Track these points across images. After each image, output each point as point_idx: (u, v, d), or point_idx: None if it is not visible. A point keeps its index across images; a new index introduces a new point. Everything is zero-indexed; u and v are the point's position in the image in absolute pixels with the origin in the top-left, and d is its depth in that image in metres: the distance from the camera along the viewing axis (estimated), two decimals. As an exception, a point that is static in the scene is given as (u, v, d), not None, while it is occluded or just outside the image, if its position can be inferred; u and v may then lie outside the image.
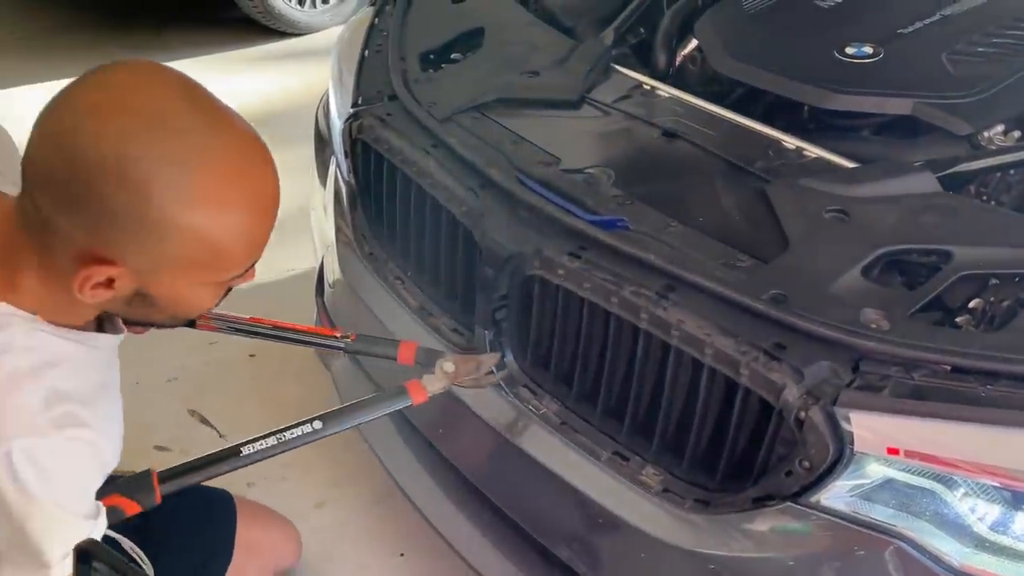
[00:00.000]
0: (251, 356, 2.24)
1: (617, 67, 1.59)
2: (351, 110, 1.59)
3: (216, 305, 0.99)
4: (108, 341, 1.00)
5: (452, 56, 1.69)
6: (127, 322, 1.04)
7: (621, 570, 1.24)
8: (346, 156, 1.61)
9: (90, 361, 0.96)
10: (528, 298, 1.28)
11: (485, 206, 1.30)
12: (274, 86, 3.68)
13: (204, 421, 2.06)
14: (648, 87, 1.54)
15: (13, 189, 0.95)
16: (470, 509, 1.49)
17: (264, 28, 4.09)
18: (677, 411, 1.16)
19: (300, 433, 1.17)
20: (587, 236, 1.19)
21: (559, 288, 1.22)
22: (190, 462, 1.13)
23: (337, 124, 1.66)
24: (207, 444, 1.97)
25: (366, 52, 1.70)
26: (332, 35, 1.99)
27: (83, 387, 0.93)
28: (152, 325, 0.98)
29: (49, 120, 0.82)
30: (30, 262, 0.87)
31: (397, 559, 1.76)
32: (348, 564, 1.76)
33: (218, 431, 2.04)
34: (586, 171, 1.32)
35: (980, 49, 1.48)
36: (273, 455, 1.16)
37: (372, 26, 1.77)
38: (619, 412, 1.23)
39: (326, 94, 1.84)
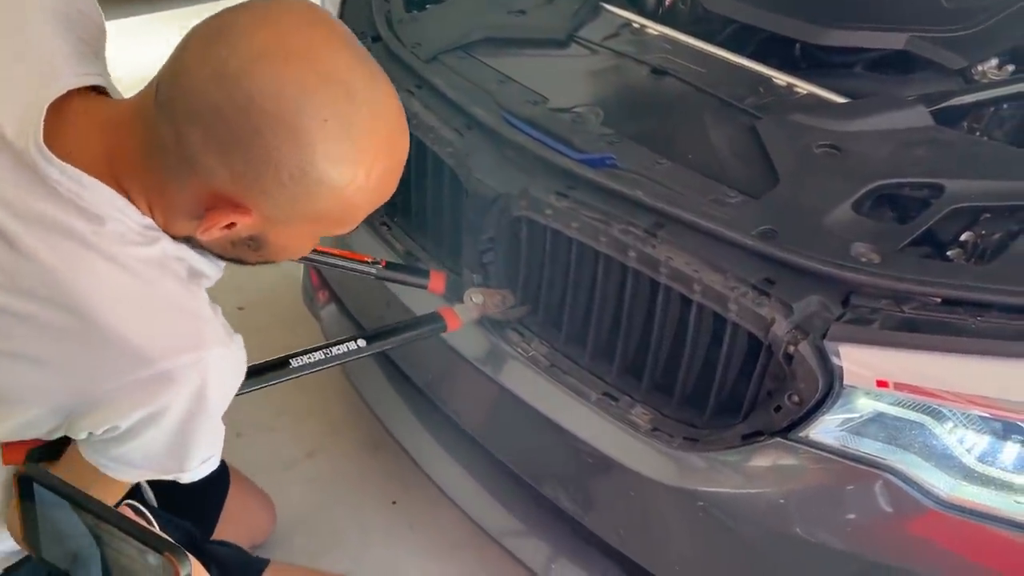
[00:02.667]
0: (240, 309, 2.22)
1: (605, 6, 1.57)
2: (334, 52, 1.55)
3: None
4: (222, 264, 0.95)
5: (437, -4, 1.66)
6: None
7: (611, 509, 1.24)
8: (329, 100, 1.58)
9: (212, 280, 0.93)
10: (515, 240, 1.27)
11: (471, 146, 1.28)
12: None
13: (194, 373, 2.05)
14: (637, 25, 1.51)
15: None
16: (461, 455, 1.49)
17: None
18: (666, 350, 1.16)
19: (346, 349, 1.18)
20: (575, 175, 1.17)
21: (547, 228, 1.21)
22: None
23: (320, 68, 1.62)
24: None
25: (348, -7, 1.66)
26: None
27: None
28: (236, 262, 0.94)
29: (212, 52, 0.75)
30: (145, 185, 0.82)
31: (390, 507, 1.76)
32: (340, 512, 1.76)
33: (208, 383, 2.03)
34: (574, 110, 1.30)
35: (975, -17, 1.46)
36: (319, 369, 1.16)
37: (355, -33, 1.73)
38: (608, 353, 1.22)
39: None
